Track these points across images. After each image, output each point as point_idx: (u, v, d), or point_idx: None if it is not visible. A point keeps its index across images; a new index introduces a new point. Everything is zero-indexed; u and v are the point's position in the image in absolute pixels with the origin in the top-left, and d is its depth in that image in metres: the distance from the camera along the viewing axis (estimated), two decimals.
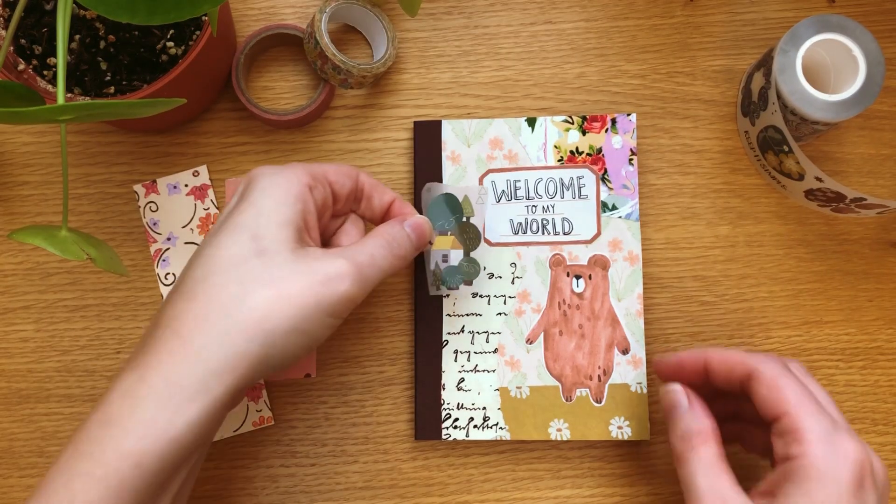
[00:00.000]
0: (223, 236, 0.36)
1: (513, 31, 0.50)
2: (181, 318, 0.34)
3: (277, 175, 0.37)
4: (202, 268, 0.35)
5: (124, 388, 0.33)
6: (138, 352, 0.34)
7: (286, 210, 0.36)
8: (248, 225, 0.35)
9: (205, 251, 0.36)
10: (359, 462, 0.47)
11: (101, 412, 0.33)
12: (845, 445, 0.35)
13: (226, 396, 0.33)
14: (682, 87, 0.50)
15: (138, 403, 0.32)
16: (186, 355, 0.33)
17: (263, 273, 0.34)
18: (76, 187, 0.49)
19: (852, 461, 0.35)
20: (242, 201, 0.37)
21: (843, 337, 0.48)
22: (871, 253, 0.48)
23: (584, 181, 0.47)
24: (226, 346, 0.33)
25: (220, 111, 0.49)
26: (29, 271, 0.48)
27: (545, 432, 0.46)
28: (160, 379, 0.33)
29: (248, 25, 0.50)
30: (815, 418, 0.36)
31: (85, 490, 0.31)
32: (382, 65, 0.47)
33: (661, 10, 0.50)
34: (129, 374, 0.33)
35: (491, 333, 0.47)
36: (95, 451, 0.32)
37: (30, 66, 0.43)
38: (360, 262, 0.36)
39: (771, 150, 0.46)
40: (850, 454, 0.35)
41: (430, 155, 0.48)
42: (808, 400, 0.37)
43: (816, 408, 0.37)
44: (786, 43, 0.44)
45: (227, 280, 0.34)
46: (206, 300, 0.34)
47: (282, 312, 0.34)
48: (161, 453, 0.32)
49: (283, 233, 0.36)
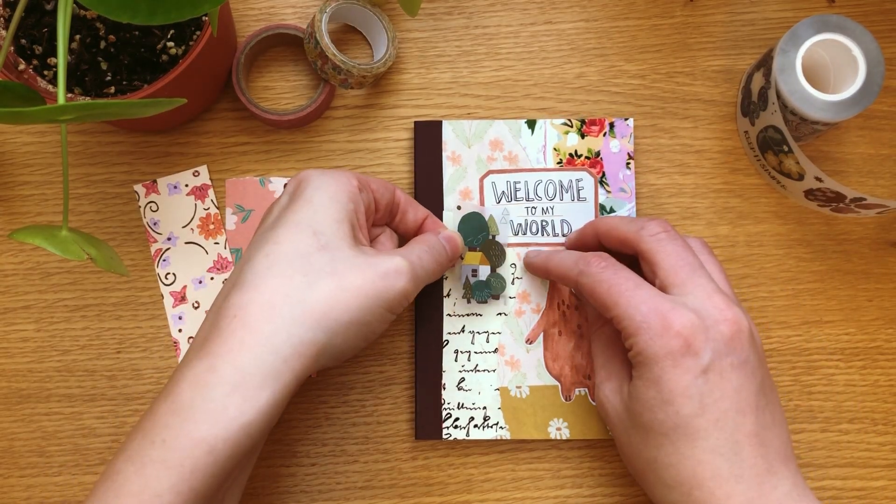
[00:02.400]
0: (283, 231, 0.37)
1: (513, 32, 0.50)
2: (248, 307, 0.34)
3: (329, 176, 0.39)
4: (265, 260, 0.36)
5: (193, 377, 0.33)
6: (203, 341, 0.35)
7: (341, 207, 0.38)
8: (308, 221, 0.37)
9: (264, 246, 0.36)
10: (359, 462, 0.47)
11: (170, 401, 0.33)
12: (670, 317, 0.36)
13: (293, 383, 0.34)
14: (681, 87, 0.50)
15: (209, 391, 0.33)
16: (256, 343, 0.34)
17: (327, 265, 0.36)
18: (76, 187, 0.49)
19: (675, 333, 0.36)
20: (297, 199, 0.38)
21: (842, 337, 0.48)
22: (871, 253, 0.49)
23: (582, 184, 0.48)
24: (294, 334, 0.34)
25: (221, 111, 0.49)
26: (29, 271, 0.49)
27: (545, 431, 0.46)
28: (230, 367, 0.33)
29: (248, 25, 0.50)
30: (648, 303, 0.37)
31: (158, 477, 0.32)
32: (382, 65, 0.47)
33: (661, 10, 0.50)
34: (198, 364, 0.34)
35: (491, 333, 0.47)
36: (168, 438, 0.32)
37: (30, 66, 0.43)
38: (412, 261, 0.38)
39: (771, 150, 0.46)
40: (673, 326, 0.36)
41: (430, 155, 0.48)
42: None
43: (649, 293, 0.37)
44: (786, 43, 0.44)
45: (292, 271, 0.35)
46: (271, 290, 0.35)
47: (345, 303, 0.35)
48: (233, 440, 0.33)
49: (341, 229, 0.37)
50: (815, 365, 0.48)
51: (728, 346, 0.36)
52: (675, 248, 0.39)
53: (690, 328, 0.36)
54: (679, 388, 0.36)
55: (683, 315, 0.36)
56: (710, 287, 0.38)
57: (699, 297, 0.37)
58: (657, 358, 0.36)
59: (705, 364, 0.36)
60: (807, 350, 0.48)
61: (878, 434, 0.47)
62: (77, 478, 0.47)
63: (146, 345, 0.48)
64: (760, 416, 0.36)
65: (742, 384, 0.36)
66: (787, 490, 0.35)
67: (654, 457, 0.36)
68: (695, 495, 0.35)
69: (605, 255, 0.41)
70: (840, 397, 0.48)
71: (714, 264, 0.41)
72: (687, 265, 0.38)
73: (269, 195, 0.48)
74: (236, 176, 0.49)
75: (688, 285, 0.38)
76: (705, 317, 0.37)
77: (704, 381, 0.36)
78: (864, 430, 0.47)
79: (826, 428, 0.47)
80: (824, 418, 0.47)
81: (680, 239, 0.40)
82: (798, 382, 0.48)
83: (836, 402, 0.47)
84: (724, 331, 0.36)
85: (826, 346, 0.48)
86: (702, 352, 0.36)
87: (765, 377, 0.37)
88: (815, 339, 0.48)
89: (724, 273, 0.41)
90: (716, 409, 0.35)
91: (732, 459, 0.35)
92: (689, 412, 0.35)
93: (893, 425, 0.47)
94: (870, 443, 0.47)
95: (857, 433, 0.47)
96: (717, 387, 0.36)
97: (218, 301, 0.37)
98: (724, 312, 0.37)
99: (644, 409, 0.37)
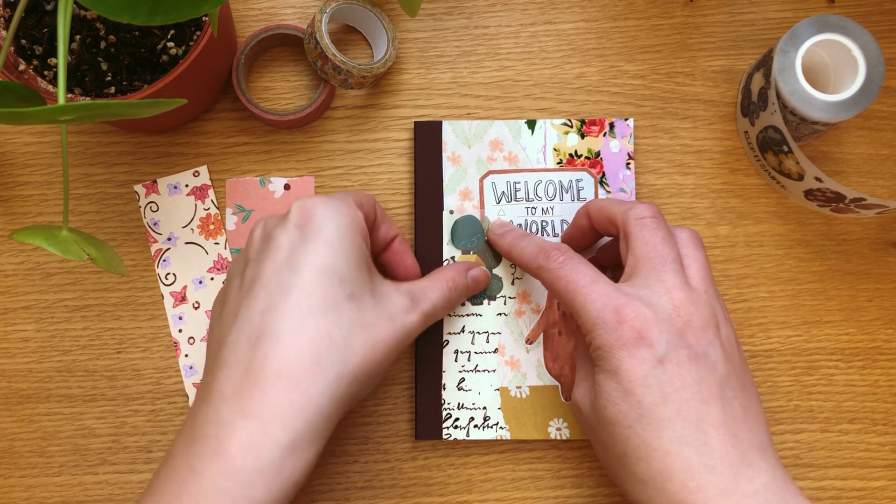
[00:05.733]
0: (308, 278, 0.37)
1: (513, 32, 0.50)
2: (293, 366, 0.35)
3: (335, 208, 0.39)
4: (298, 311, 0.36)
5: (246, 440, 0.34)
6: (240, 394, 0.35)
7: (357, 248, 0.39)
8: (332, 267, 0.37)
9: (293, 293, 0.36)
10: (359, 462, 0.47)
11: (220, 463, 0.34)
12: (623, 311, 0.36)
13: (329, 435, 0.36)
14: (681, 88, 0.50)
15: (264, 455, 0.34)
16: (305, 405, 0.35)
17: (356, 317, 0.37)
18: (77, 187, 0.49)
19: (628, 326, 0.36)
20: (310, 236, 0.38)
21: (842, 337, 0.48)
22: (871, 253, 0.49)
23: (582, 184, 0.48)
24: (336, 392, 0.36)
25: (221, 111, 0.50)
26: (29, 271, 0.49)
27: (545, 431, 0.46)
28: (282, 430, 0.34)
29: (248, 26, 0.50)
30: (603, 298, 0.37)
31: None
32: (383, 65, 0.47)
33: (661, 10, 0.50)
34: (245, 423, 0.34)
35: (491, 333, 0.47)
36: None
37: (30, 66, 0.43)
38: (425, 310, 0.40)
39: (770, 151, 0.46)
40: (626, 318, 0.36)
41: (430, 155, 0.48)
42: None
43: (609, 292, 0.38)
44: (785, 43, 0.44)
45: (327, 324, 0.36)
46: (313, 348, 0.36)
47: (375, 357, 0.37)
48: (284, 498, 0.34)
49: (361, 274, 0.38)
50: (815, 365, 0.48)
51: (682, 338, 0.36)
52: (653, 238, 0.39)
53: (643, 320, 0.36)
54: (637, 377, 0.36)
55: (636, 308, 0.36)
56: (674, 282, 0.37)
57: (657, 291, 0.37)
58: (613, 349, 0.36)
59: (661, 354, 0.36)
60: (807, 350, 0.48)
61: (878, 434, 0.47)
62: (77, 478, 0.47)
63: (146, 345, 0.48)
64: (728, 408, 0.36)
65: (702, 376, 0.36)
66: (766, 482, 0.35)
67: (624, 451, 0.36)
68: (667, 488, 0.35)
69: (563, 247, 0.40)
70: (840, 397, 0.48)
71: (696, 258, 0.40)
72: (658, 257, 0.38)
73: (269, 195, 0.48)
74: (236, 176, 0.49)
75: (650, 278, 0.38)
76: (659, 311, 0.37)
77: (662, 370, 0.36)
78: (864, 431, 0.47)
79: (826, 428, 0.47)
80: (824, 418, 0.47)
81: (662, 229, 0.39)
82: (798, 382, 0.48)
83: (836, 402, 0.47)
84: (676, 324, 0.36)
85: (826, 347, 0.48)
86: (656, 342, 0.36)
87: (731, 372, 0.37)
88: (815, 339, 0.48)
89: (706, 268, 0.40)
90: (677, 399, 0.35)
91: (701, 450, 0.35)
92: (651, 401, 0.35)
93: (893, 425, 0.47)
94: (870, 443, 0.47)
95: (857, 433, 0.47)
96: (677, 376, 0.35)
97: (240, 341, 0.36)
98: (679, 308, 0.37)
99: (608, 402, 0.37)
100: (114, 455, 0.47)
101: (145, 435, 0.47)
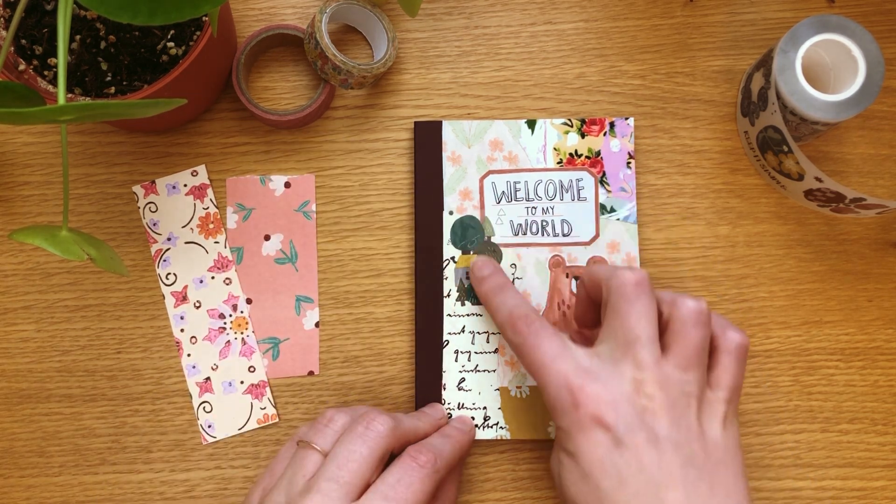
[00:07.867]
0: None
1: (513, 32, 0.50)
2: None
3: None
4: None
5: None
6: None
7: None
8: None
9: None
10: None
11: None
12: (579, 397, 0.36)
13: None
14: (681, 88, 0.50)
15: None
16: None
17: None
18: (76, 187, 0.49)
19: (584, 411, 0.36)
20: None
21: (842, 337, 0.48)
22: (871, 253, 0.49)
23: (582, 183, 0.48)
24: None
25: (221, 111, 0.50)
26: (29, 271, 0.49)
27: (545, 431, 0.46)
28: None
29: (248, 26, 0.50)
30: (561, 379, 0.37)
31: None
32: (383, 65, 0.47)
33: (660, 10, 0.50)
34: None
35: (491, 333, 0.47)
36: None
37: (30, 66, 0.43)
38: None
39: (770, 151, 0.46)
40: (581, 404, 0.36)
41: (430, 155, 0.48)
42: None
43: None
44: (785, 43, 0.44)
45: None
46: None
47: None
48: None
49: None
50: (815, 365, 0.48)
51: (641, 419, 0.35)
52: (630, 311, 0.37)
53: (598, 403, 0.36)
54: (595, 460, 0.35)
55: (593, 390, 0.36)
56: (643, 360, 0.36)
57: (623, 368, 0.36)
58: (570, 432, 0.36)
59: (618, 436, 0.35)
60: (807, 350, 0.48)
61: (877, 434, 0.47)
62: (77, 478, 0.47)
63: (146, 345, 0.48)
64: (691, 489, 0.34)
65: (662, 459, 0.35)
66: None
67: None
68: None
69: (530, 317, 0.40)
70: (840, 397, 0.48)
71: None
72: (629, 331, 0.37)
73: (269, 193, 0.48)
74: (236, 176, 0.49)
75: (617, 352, 0.37)
76: (617, 391, 0.36)
77: (619, 454, 0.35)
78: (863, 431, 0.47)
79: (826, 428, 0.47)
80: (824, 418, 0.47)
81: (641, 301, 0.37)
82: (798, 382, 0.48)
83: (836, 402, 0.47)
84: (636, 405, 0.36)
85: (826, 347, 0.48)
86: (613, 426, 0.35)
87: (698, 452, 0.35)
88: (815, 339, 0.48)
89: (695, 347, 0.37)
90: (635, 483, 0.35)
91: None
92: (609, 485, 0.35)
93: (893, 425, 0.47)
94: (870, 443, 0.47)
95: (857, 433, 0.47)
96: (634, 460, 0.35)
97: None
98: (642, 388, 0.36)
99: (570, 482, 0.37)
100: (114, 455, 0.47)
101: (145, 435, 0.47)
